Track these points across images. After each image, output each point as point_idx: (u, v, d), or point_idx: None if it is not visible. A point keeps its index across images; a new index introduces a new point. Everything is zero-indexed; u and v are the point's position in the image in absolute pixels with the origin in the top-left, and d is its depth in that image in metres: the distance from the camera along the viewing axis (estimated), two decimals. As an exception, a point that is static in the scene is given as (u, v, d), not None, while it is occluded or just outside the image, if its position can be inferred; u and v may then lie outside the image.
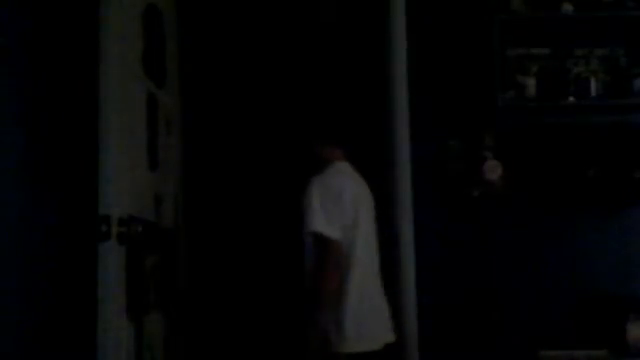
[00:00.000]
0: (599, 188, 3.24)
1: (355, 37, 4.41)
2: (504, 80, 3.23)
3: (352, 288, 2.80)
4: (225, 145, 4.66)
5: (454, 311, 3.24)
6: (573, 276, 3.27)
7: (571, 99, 3.26)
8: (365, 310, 2.82)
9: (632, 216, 3.29)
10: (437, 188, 3.29)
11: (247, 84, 4.70)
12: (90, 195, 2.58)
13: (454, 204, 3.27)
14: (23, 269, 2.45)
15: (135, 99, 2.90)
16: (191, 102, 3.94)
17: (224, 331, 4.47)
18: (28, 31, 2.53)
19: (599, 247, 3.28)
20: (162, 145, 3.26)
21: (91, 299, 2.54)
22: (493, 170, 3.19)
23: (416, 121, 3.30)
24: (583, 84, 3.27)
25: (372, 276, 2.93)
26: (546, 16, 3.28)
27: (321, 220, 2.79)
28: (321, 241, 2.80)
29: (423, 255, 3.23)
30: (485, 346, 3.21)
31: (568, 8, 3.25)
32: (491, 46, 3.22)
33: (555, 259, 3.28)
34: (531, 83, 3.27)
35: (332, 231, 2.79)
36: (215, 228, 4.51)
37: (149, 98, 3.08)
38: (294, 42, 4.64)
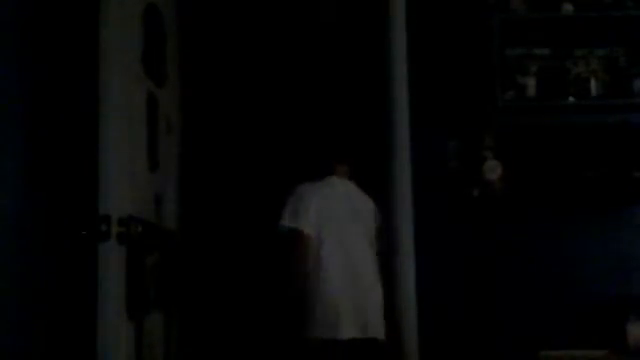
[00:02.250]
0: (599, 188, 3.24)
1: (355, 37, 4.41)
2: (504, 80, 3.23)
3: (323, 284, 3.10)
4: (225, 145, 4.66)
5: (454, 311, 3.24)
6: (573, 276, 3.27)
7: (571, 99, 3.26)
8: (339, 303, 3.08)
9: (632, 216, 3.30)
10: (437, 188, 3.29)
11: (247, 84, 4.70)
12: (90, 195, 2.58)
13: (454, 204, 3.27)
14: (23, 269, 2.45)
15: (135, 99, 2.89)
16: (191, 102, 3.93)
17: (224, 331, 4.47)
18: (28, 31, 2.53)
19: (599, 247, 3.28)
20: (162, 145, 3.26)
21: (91, 299, 2.54)
22: (493, 170, 3.19)
23: (416, 121, 3.30)
24: (583, 84, 3.28)
25: (353, 278, 3.16)
26: (546, 16, 3.28)
27: (288, 217, 3.19)
28: (290, 235, 3.17)
29: (423, 255, 3.23)
30: (485, 346, 3.21)
31: (568, 8, 3.25)
32: (491, 46, 3.22)
33: (555, 259, 3.28)
34: (531, 83, 3.27)
35: (299, 224, 3.15)
36: (215, 228, 4.51)
37: (149, 98, 3.07)
38: (294, 42, 4.64)
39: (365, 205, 3.32)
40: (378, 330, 3.15)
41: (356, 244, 3.23)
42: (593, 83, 3.28)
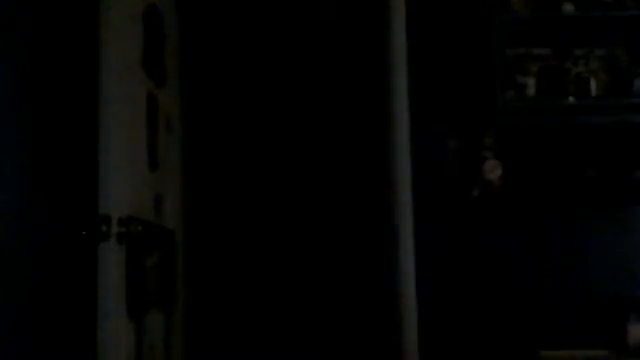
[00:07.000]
0: (599, 188, 3.24)
1: (355, 37, 4.41)
2: (504, 80, 3.23)
3: None
4: (226, 145, 4.66)
5: (454, 311, 3.24)
6: (573, 276, 3.27)
7: (571, 99, 3.26)
8: None
9: (632, 216, 3.30)
10: (437, 188, 3.29)
11: (247, 83, 4.70)
12: (90, 195, 2.58)
13: (454, 204, 3.27)
14: (22, 269, 2.45)
15: (135, 99, 2.90)
16: (192, 101, 3.94)
17: (225, 330, 4.47)
18: (28, 31, 2.53)
19: (599, 247, 3.28)
20: (162, 145, 3.27)
21: (91, 299, 2.53)
22: (493, 170, 3.19)
23: (416, 121, 3.30)
24: (583, 84, 3.28)
25: None
26: (546, 16, 3.28)
27: None
28: None
29: (423, 255, 3.23)
30: (485, 346, 3.21)
31: (568, 8, 3.25)
32: (491, 46, 3.22)
33: (555, 259, 3.28)
34: (531, 83, 3.27)
35: None
36: (216, 228, 4.51)
37: (149, 98, 3.08)
38: (294, 42, 4.64)
39: None
40: None
41: None
42: (593, 83, 3.28)
